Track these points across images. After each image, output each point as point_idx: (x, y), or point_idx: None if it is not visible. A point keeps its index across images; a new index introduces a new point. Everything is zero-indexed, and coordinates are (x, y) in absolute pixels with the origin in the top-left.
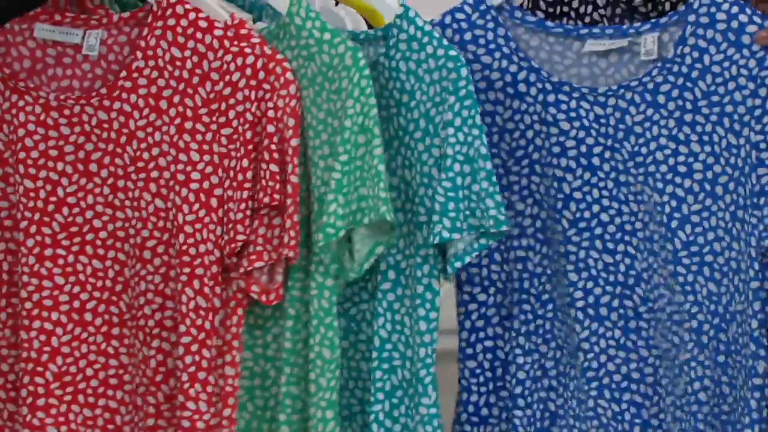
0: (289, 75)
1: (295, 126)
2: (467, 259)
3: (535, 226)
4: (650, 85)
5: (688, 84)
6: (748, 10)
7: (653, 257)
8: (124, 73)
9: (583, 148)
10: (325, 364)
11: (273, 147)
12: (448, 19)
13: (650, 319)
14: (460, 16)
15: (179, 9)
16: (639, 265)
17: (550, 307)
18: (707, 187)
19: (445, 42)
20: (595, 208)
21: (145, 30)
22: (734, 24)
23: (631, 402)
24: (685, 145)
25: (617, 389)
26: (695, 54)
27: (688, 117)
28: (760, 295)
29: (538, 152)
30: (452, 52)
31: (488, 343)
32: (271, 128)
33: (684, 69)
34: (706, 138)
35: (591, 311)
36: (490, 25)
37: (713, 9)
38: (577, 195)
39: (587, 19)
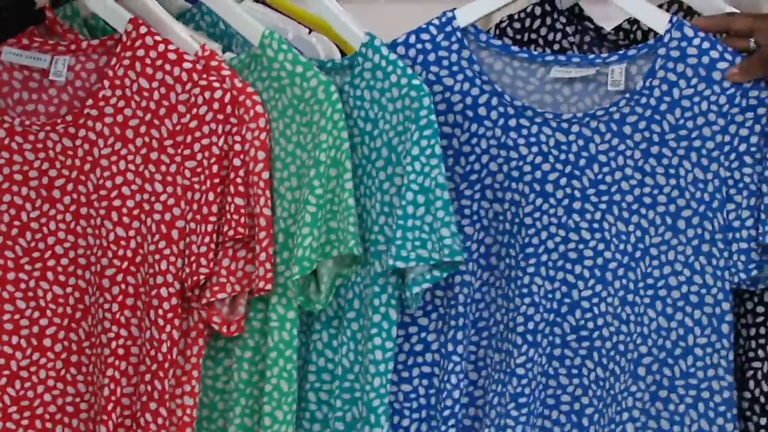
0: (258, 108)
1: (266, 159)
2: (416, 289)
3: (479, 252)
4: (616, 116)
5: (656, 116)
6: (719, 47)
7: (602, 285)
8: (90, 101)
9: (538, 174)
10: (282, 397)
11: (239, 180)
12: (412, 39)
13: (578, 348)
14: (424, 36)
15: (149, 40)
16: (578, 293)
17: (485, 334)
18: (668, 220)
19: (409, 71)
20: (543, 234)
21: (114, 59)
22: (705, 59)
23: (543, 429)
24: (651, 176)
25: (540, 416)
26: (664, 87)
27: (654, 149)
28: (727, 331)
29: (492, 177)
30: (415, 81)
31: (425, 369)
32: (237, 161)
33: (652, 101)
34: (672, 171)
35: (529, 337)
36: (455, 47)
37: (684, 43)
38: (528, 221)
39: (556, 47)
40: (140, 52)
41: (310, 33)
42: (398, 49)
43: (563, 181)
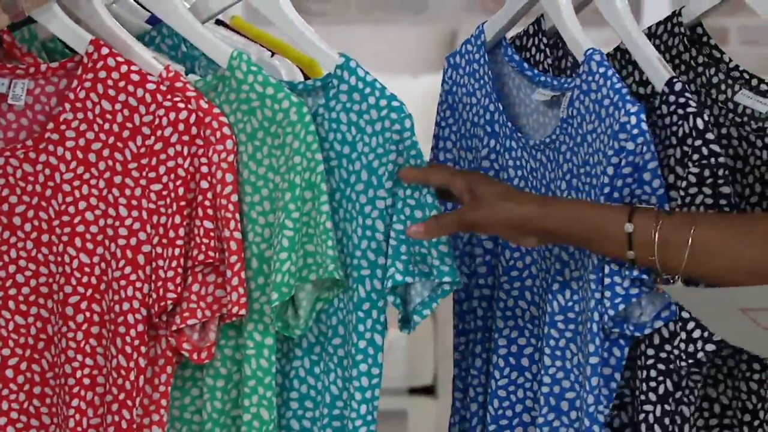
0: (225, 129)
1: (233, 181)
2: (426, 312)
3: (488, 267)
4: (557, 143)
5: (575, 148)
6: (609, 82)
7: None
8: (51, 125)
9: None
10: (263, 426)
11: (207, 203)
12: (463, 48)
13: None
14: (469, 47)
15: (111, 61)
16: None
17: (478, 363)
18: (581, 255)
19: (388, 92)
20: (527, 259)
21: (75, 81)
22: (599, 95)
23: None
24: None
25: None
26: (578, 120)
27: (574, 182)
28: (600, 372)
29: None
30: (395, 103)
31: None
32: (204, 184)
33: (573, 132)
34: None
35: (512, 360)
36: (481, 60)
37: (590, 77)
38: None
39: (540, 68)
40: (102, 74)
41: (272, 56)
42: (456, 58)
43: None
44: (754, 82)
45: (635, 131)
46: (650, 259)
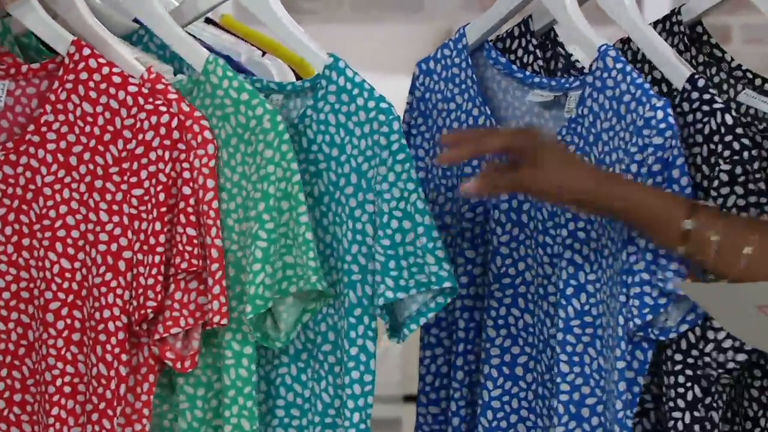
0: (207, 133)
1: (215, 187)
2: (422, 321)
3: (472, 276)
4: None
5: (587, 148)
6: (629, 78)
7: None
8: (32, 127)
9: (514, 203)
10: None
11: (190, 210)
12: (438, 53)
13: (552, 387)
14: (446, 51)
15: (92, 62)
16: (547, 331)
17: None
18: (598, 257)
19: (376, 93)
20: (521, 265)
21: (56, 83)
22: (617, 92)
23: None
24: None
25: None
26: (591, 118)
27: None
28: (626, 376)
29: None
30: (383, 105)
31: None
32: (187, 190)
33: (584, 131)
34: None
35: (506, 370)
36: (463, 64)
37: (605, 74)
38: (504, 250)
39: (528, 69)
40: (83, 75)
41: (263, 55)
42: (430, 64)
43: (533, 211)
44: (758, 81)
45: (662, 125)
46: (702, 259)
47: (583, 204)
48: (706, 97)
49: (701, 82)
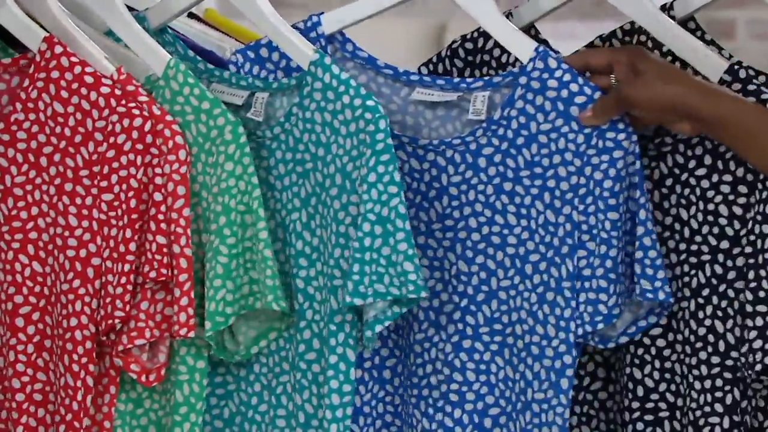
0: (178, 138)
1: (186, 194)
2: (378, 328)
3: None
4: (473, 146)
5: (512, 151)
6: (580, 80)
7: (435, 329)
8: (1, 125)
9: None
10: None
11: (160, 217)
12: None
13: (403, 395)
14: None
15: (64, 61)
16: (413, 336)
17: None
18: (518, 263)
19: (363, 91)
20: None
21: (27, 81)
22: (564, 93)
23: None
24: (502, 215)
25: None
26: (522, 119)
27: (507, 186)
28: (575, 383)
29: None
30: (370, 103)
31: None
32: (158, 196)
33: (509, 134)
34: (524, 211)
35: (375, 373)
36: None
37: (546, 75)
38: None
39: (509, 68)
40: (55, 74)
41: None
42: (261, 51)
43: (412, 211)
44: (762, 78)
45: (630, 128)
46: None
47: (685, 115)
48: (751, 87)
49: (743, 73)
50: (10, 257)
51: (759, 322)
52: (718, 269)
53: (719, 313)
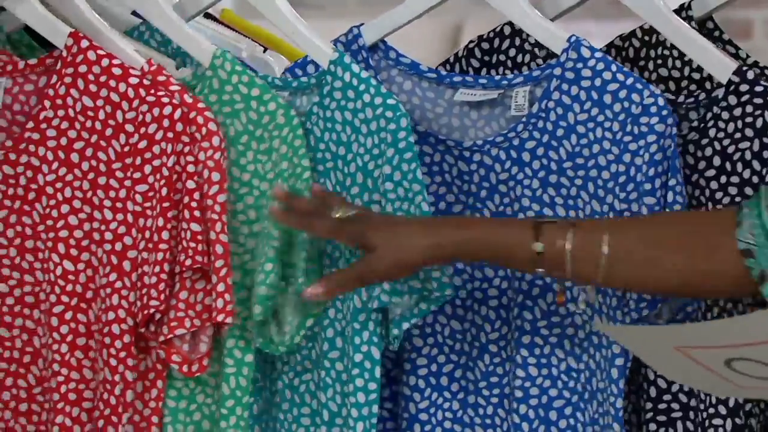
0: (211, 125)
1: (221, 180)
2: (405, 326)
3: None
4: (515, 141)
5: (553, 142)
6: (614, 67)
7: (507, 326)
8: (31, 124)
9: (442, 205)
10: None
11: (194, 204)
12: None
13: (490, 395)
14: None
15: (91, 55)
16: (485, 336)
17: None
18: None
19: (383, 89)
20: None
21: (54, 77)
22: (598, 82)
23: None
24: (551, 207)
25: None
26: (559, 110)
27: (552, 178)
28: (626, 374)
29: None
30: (391, 101)
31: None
32: (191, 184)
33: (549, 126)
34: (571, 202)
35: (433, 380)
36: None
37: (579, 64)
38: None
39: (524, 69)
40: (82, 68)
41: (265, 51)
42: (308, 68)
43: (467, 213)
44: None
45: (664, 112)
46: (561, 273)
47: (431, 263)
48: (759, 89)
49: (751, 74)
50: (46, 256)
51: None
52: None
53: (725, 315)
